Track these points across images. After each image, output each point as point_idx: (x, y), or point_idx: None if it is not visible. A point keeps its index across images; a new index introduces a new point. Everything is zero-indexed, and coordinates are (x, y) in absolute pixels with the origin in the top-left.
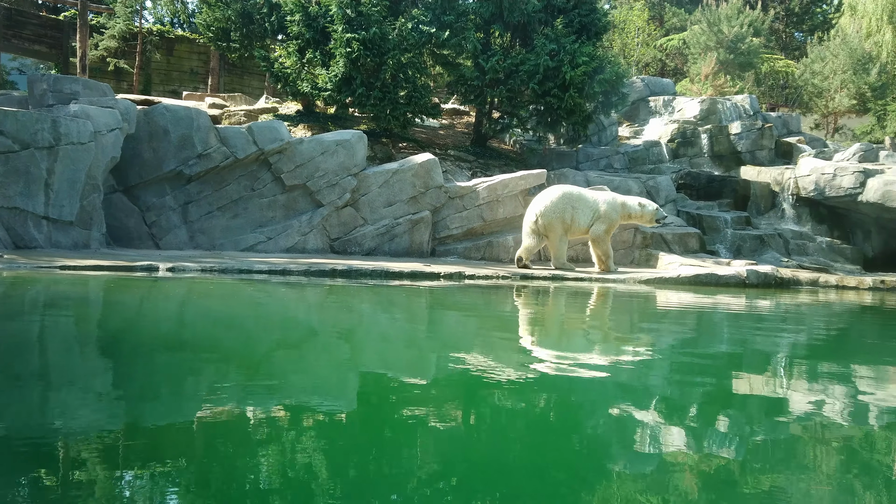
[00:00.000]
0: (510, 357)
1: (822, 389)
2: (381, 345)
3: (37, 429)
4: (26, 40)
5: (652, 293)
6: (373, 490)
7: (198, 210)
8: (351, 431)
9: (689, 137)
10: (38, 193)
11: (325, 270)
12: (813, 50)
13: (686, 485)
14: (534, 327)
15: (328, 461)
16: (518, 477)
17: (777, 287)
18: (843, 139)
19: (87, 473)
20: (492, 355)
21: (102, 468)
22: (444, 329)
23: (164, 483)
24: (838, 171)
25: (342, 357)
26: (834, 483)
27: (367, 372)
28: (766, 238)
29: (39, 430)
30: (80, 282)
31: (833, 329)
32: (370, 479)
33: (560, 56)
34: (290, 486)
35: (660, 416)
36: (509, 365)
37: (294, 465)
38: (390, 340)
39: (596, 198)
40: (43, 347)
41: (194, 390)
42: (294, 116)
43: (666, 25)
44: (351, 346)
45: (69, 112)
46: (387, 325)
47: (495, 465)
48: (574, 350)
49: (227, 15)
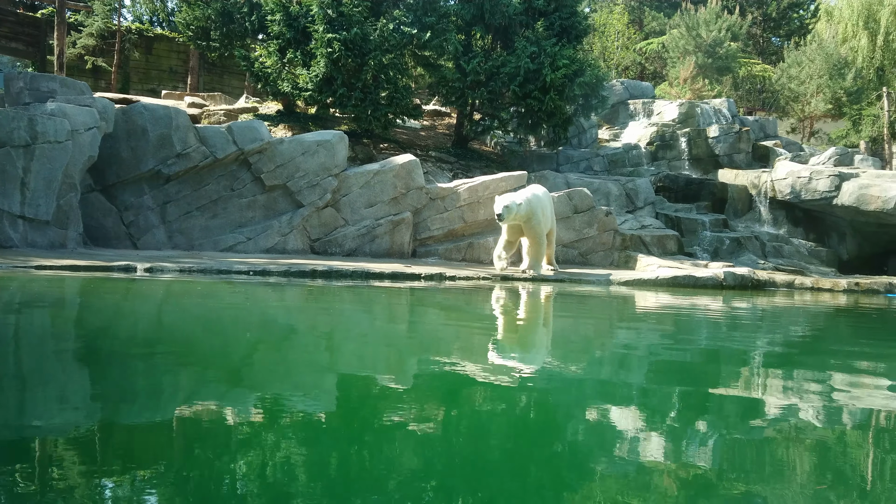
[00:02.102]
0: (488, 358)
1: (797, 390)
2: (359, 345)
3: (8, 429)
4: (3, 38)
5: (631, 294)
6: (353, 489)
7: (176, 210)
8: (330, 432)
9: (667, 140)
10: (13, 192)
11: (306, 271)
12: (790, 55)
13: (665, 485)
14: (513, 328)
15: (307, 462)
16: (498, 476)
17: (754, 289)
18: (819, 143)
19: (60, 474)
20: (470, 356)
21: (74, 469)
22: (423, 330)
23: (138, 484)
24: (814, 174)
25: (321, 358)
26: (810, 484)
27: (345, 372)
28: (743, 240)
29: (11, 431)
30: (56, 282)
31: (808, 330)
32: (350, 479)
33: (541, 58)
34: (267, 486)
35: (639, 418)
36: (486, 366)
37: (272, 465)
38: (369, 341)
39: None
40: (17, 348)
41: (171, 391)
42: (274, 116)
43: (645, 29)
44: (329, 346)
45: (46, 110)
46: (366, 325)
47: (476, 464)
48: (550, 351)
49: (206, 14)
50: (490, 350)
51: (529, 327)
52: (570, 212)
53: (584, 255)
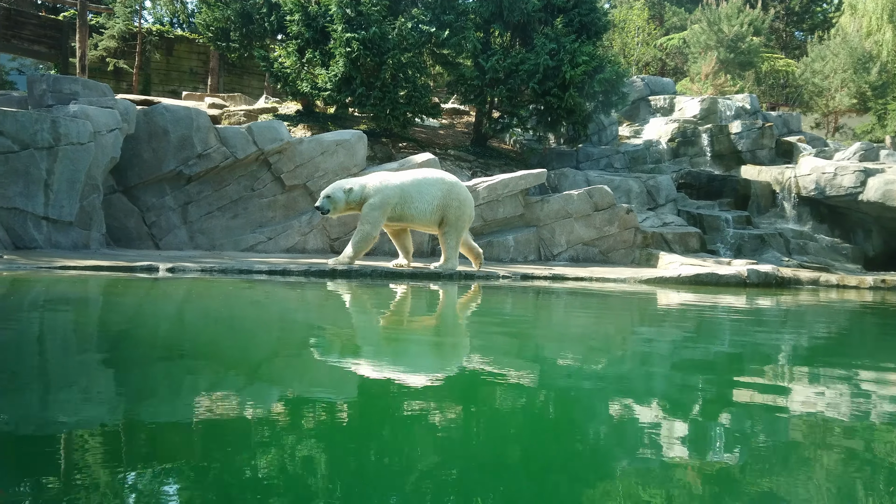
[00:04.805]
0: (513, 357)
1: (825, 389)
2: (378, 344)
3: (36, 427)
4: (26, 40)
5: (652, 292)
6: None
7: (197, 210)
8: (350, 430)
9: (689, 137)
10: (37, 194)
11: (325, 271)
12: (813, 49)
13: (689, 482)
14: (536, 326)
15: (327, 459)
16: (518, 476)
17: (778, 286)
18: (844, 138)
19: (86, 471)
20: (494, 355)
21: (101, 467)
22: (445, 328)
23: (162, 481)
24: (839, 170)
25: (343, 358)
26: (839, 484)
27: (365, 371)
28: (766, 237)
29: (38, 429)
30: (80, 282)
31: (834, 328)
32: (370, 477)
33: (560, 55)
34: (288, 478)
35: (662, 416)
36: (513, 365)
37: (291, 458)
38: (390, 339)
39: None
40: (43, 347)
41: (193, 388)
42: (294, 116)
43: (666, 25)
44: (350, 346)
45: (69, 112)
46: (386, 324)
47: (495, 463)
48: (574, 349)
49: (226, 15)
50: (515, 349)
51: (551, 327)
52: (590, 210)
53: (605, 253)
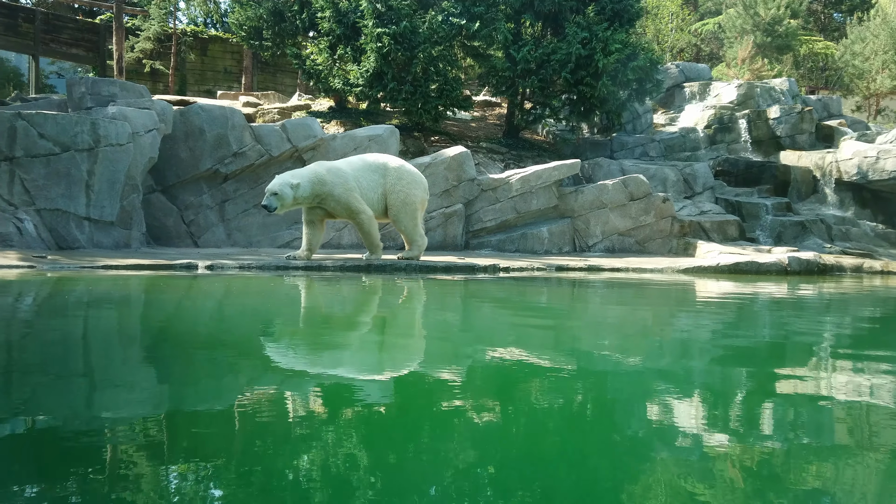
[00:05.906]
0: (548, 348)
1: (870, 380)
2: (416, 337)
3: (83, 422)
4: (64, 44)
5: (691, 282)
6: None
7: (234, 208)
8: (388, 423)
9: (726, 123)
10: (79, 195)
11: (361, 266)
12: (853, 30)
13: (731, 476)
14: (574, 318)
15: (366, 452)
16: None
17: (820, 274)
18: (886, 121)
19: (133, 465)
20: (527, 347)
21: (147, 460)
22: (479, 321)
23: (206, 473)
24: (881, 153)
25: (382, 351)
26: (884, 479)
27: (405, 365)
28: (807, 224)
29: (86, 424)
30: (122, 280)
31: (879, 316)
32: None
33: (592, 44)
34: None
35: (704, 407)
36: (547, 356)
37: (328, 451)
38: (426, 332)
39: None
40: (88, 344)
41: (234, 382)
42: (327, 113)
43: (700, 10)
44: (388, 339)
45: (107, 114)
46: (425, 318)
47: (532, 456)
48: (613, 339)
49: (258, 14)
50: (550, 340)
51: (590, 317)
52: (625, 199)
53: (641, 243)
